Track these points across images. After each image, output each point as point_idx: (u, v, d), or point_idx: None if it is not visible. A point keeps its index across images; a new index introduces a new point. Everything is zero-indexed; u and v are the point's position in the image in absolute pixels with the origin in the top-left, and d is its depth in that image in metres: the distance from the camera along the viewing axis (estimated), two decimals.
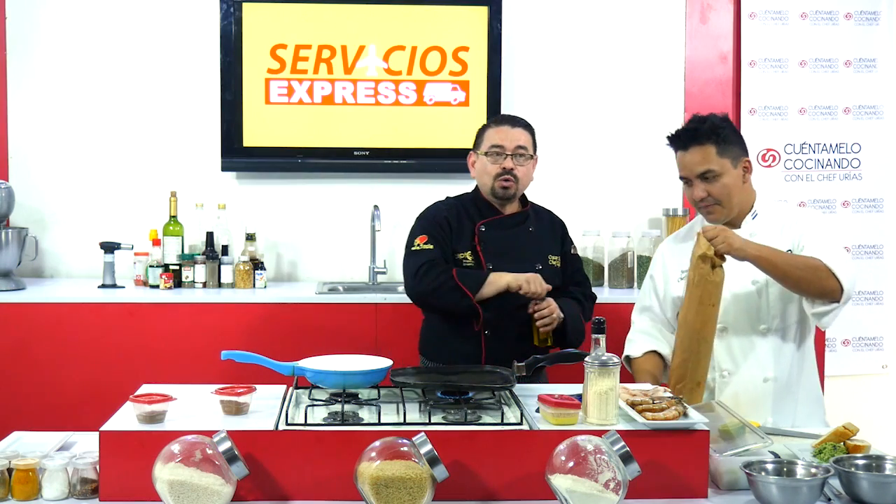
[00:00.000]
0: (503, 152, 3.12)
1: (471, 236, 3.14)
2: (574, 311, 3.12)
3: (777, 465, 2.26)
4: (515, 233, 3.18)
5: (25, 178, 4.35)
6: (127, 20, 4.35)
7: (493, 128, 3.19)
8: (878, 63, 4.59)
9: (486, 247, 3.12)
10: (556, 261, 3.19)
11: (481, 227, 3.15)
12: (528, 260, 3.13)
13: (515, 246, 3.15)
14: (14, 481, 2.18)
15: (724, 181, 2.87)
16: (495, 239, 3.14)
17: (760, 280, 2.85)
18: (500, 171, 3.12)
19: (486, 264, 3.09)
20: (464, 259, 3.12)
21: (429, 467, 2.05)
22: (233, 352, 2.74)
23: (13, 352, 3.85)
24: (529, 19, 4.49)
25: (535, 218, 3.24)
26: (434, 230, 3.15)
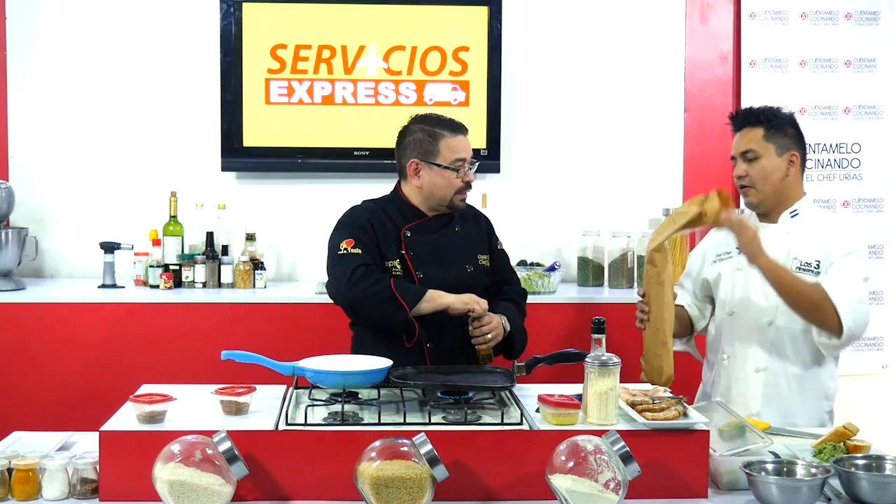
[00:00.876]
0: (465, 164, 2.95)
1: (397, 242, 2.95)
2: (516, 318, 2.98)
3: (777, 465, 2.26)
4: (442, 235, 3.01)
5: (25, 178, 4.35)
6: (127, 20, 4.35)
7: (450, 137, 2.96)
8: (878, 63, 4.59)
9: (413, 253, 2.95)
10: (485, 260, 3.07)
11: (406, 233, 2.97)
12: (458, 262, 3.00)
13: (443, 249, 2.99)
14: (14, 481, 2.19)
15: (762, 164, 2.93)
16: (422, 244, 2.97)
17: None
18: (463, 184, 2.96)
19: (415, 272, 2.92)
20: (393, 267, 2.92)
21: (429, 467, 2.05)
22: (233, 352, 2.74)
23: (13, 352, 3.85)
24: (529, 19, 4.49)
25: (459, 217, 3.07)
26: (359, 234, 2.93)
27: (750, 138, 2.97)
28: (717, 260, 3.09)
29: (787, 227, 2.95)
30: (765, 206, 2.98)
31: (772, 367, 2.92)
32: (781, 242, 2.94)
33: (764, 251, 2.78)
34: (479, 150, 4.36)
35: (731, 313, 2.98)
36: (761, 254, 2.76)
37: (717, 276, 3.06)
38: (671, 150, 4.56)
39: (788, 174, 2.95)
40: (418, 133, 2.98)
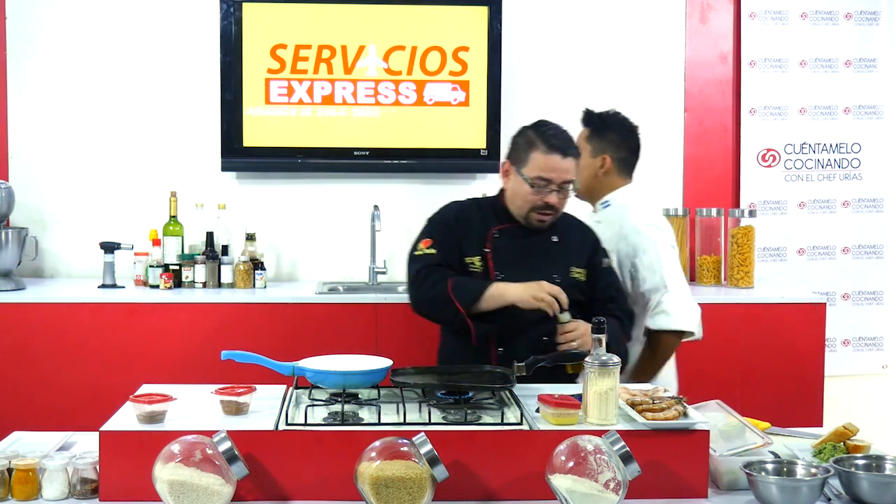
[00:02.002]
0: (549, 186, 2.83)
1: (483, 240, 2.90)
2: (615, 332, 2.79)
3: (777, 465, 2.26)
4: (533, 241, 2.92)
5: (25, 178, 4.35)
6: (127, 20, 4.36)
7: (542, 153, 2.83)
8: (878, 63, 4.59)
9: (497, 254, 2.88)
10: (579, 273, 2.93)
11: (495, 233, 2.91)
12: (545, 270, 2.86)
13: (532, 255, 2.90)
14: (14, 481, 2.18)
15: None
16: (508, 246, 2.90)
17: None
18: (540, 204, 2.85)
19: (494, 273, 2.86)
20: (471, 264, 2.88)
21: (429, 467, 2.05)
22: (233, 352, 2.74)
23: (13, 352, 3.85)
24: (529, 19, 4.49)
25: (561, 226, 2.96)
26: (438, 233, 2.92)
27: (578, 136, 3.21)
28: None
29: (599, 217, 3.22)
30: (582, 196, 3.25)
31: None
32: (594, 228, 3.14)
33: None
34: (478, 149, 4.37)
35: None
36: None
37: None
38: (671, 150, 4.57)
39: (598, 175, 3.23)
40: (521, 137, 2.91)
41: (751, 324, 4.06)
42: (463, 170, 4.42)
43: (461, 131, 4.36)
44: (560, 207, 2.88)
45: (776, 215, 4.57)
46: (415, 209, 4.46)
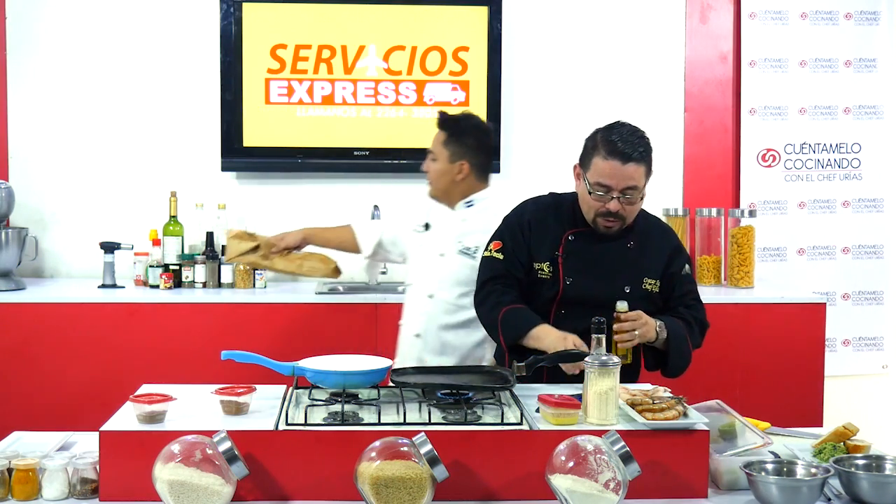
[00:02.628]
0: (610, 193, 2.72)
1: (556, 244, 2.82)
2: (679, 331, 2.76)
3: (777, 465, 2.26)
4: (609, 247, 2.82)
5: (25, 178, 4.35)
6: (127, 20, 4.36)
7: (602, 159, 2.72)
8: (878, 63, 4.59)
9: (568, 259, 2.80)
10: (652, 285, 2.82)
11: (570, 237, 2.82)
12: (616, 280, 2.79)
13: (605, 262, 2.80)
14: (14, 481, 2.18)
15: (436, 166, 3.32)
16: (582, 251, 2.81)
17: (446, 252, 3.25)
18: (603, 210, 2.74)
19: (563, 279, 2.79)
20: (539, 270, 2.81)
21: (429, 467, 2.05)
22: (233, 352, 2.74)
23: (13, 352, 3.85)
24: (529, 19, 4.49)
25: (640, 232, 2.85)
26: (508, 236, 2.87)
27: (434, 139, 3.32)
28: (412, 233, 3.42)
29: (463, 215, 3.29)
30: (438, 199, 3.35)
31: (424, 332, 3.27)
32: (455, 227, 3.29)
33: None
34: None
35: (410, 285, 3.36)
36: None
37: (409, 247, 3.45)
38: (671, 150, 4.57)
39: (456, 180, 3.29)
40: (590, 140, 2.82)
41: (751, 324, 4.06)
42: None
43: None
44: (626, 214, 2.76)
45: (776, 215, 4.57)
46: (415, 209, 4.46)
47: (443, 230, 3.32)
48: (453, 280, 3.25)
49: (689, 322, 2.83)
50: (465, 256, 3.23)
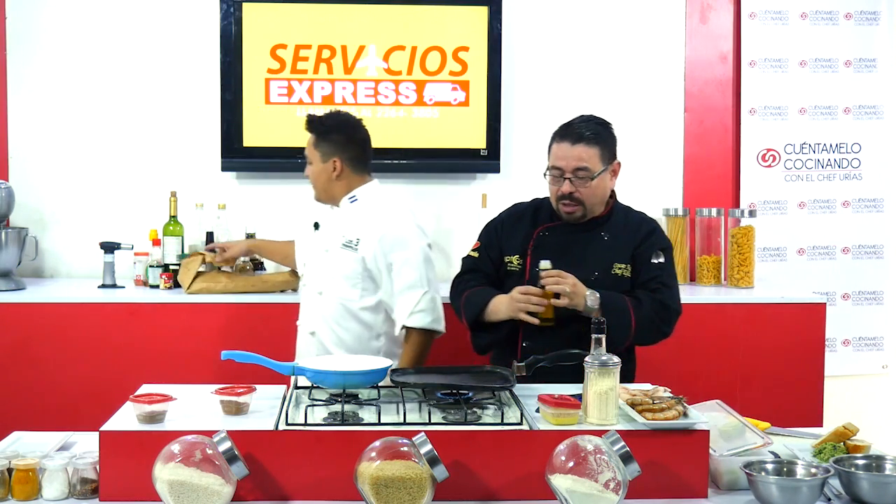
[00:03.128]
0: (561, 175, 2.86)
1: (528, 239, 2.96)
2: (618, 303, 2.81)
3: (777, 465, 2.26)
4: (581, 238, 2.93)
5: (25, 178, 4.35)
6: (127, 20, 4.35)
7: (556, 142, 2.90)
8: (878, 63, 4.59)
9: (537, 251, 2.91)
10: (622, 269, 2.91)
11: (544, 232, 2.95)
12: (584, 267, 2.87)
13: (575, 252, 2.90)
14: (14, 481, 2.19)
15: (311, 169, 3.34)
16: (553, 243, 2.92)
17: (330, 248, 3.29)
18: (559, 194, 2.88)
19: (530, 268, 2.90)
20: (509, 263, 2.96)
21: (429, 467, 2.05)
22: (233, 352, 2.74)
23: (13, 352, 3.85)
24: (529, 19, 4.49)
25: (616, 224, 2.96)
26: (484, 236, 3.09)
27: (307, 144, 3.34)
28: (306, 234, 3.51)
29: (347, 211, 3.32)
30: (324, 200, 3.37)
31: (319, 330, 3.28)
32: (339, 223, 3.31)
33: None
34: (478, 149, 4.36)
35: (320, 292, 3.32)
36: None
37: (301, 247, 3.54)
38: (671, 150, 4.57)
39: (332, 178, 3.32)
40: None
41: (751, 324, 4.06)
42: (463, 170, 4.42)
43: (461, 131, 4.36)
44: (582, 197, 2.86)
45: (776, 215, 4.57)
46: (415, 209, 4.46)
47: (329, 227, 3.36)
48: (339, 275, 3.27)
49: (639, 299, 2.84)
50: (347, 250, 3.25)
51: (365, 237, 3.23)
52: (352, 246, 3.25)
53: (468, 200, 4.41)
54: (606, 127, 2.93)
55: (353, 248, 3.25)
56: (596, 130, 2.89)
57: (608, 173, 2.91)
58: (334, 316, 3.27)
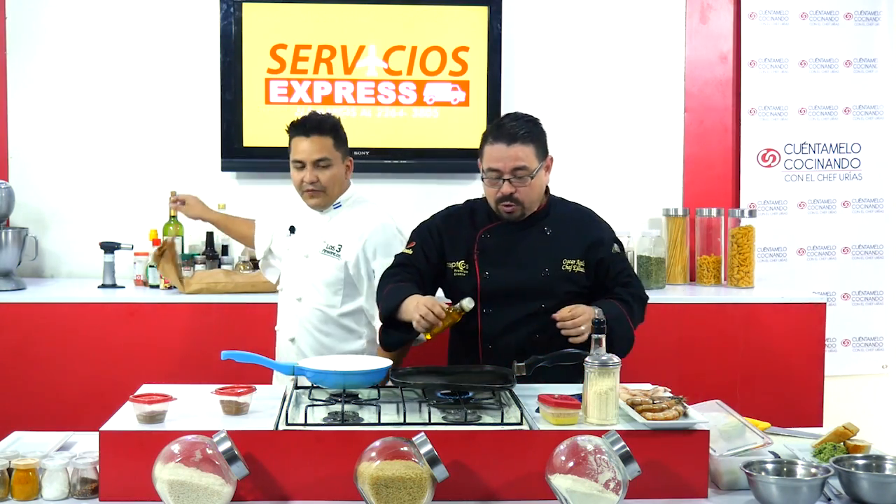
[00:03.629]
0: (500, 176, 2.82)
1: (471, 242, 2.92)
2: (618, 314, 2.79)
3: (777, 465, 2.26)
4: (524, 236, 2.90)
5: (25, 178, 4.35)
6: (127, 20, 4.35)
7: (489, 144, 2.84)
8: (878, 63, 4.59)
9: (483, 254, 2.89)
10: (572, 265, 2.87)
11: (485, 234, 2.91)
12: (532, 265, 2.86)
13: (518, 250, 2.89)
14: (14, 481, 2.19)
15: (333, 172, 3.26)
16: (497, 245, 2.89)
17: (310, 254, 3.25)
18: (498, 194, 2.84)
19: (480, 273, 2.88)
20: (455, 269, 2.91)
21: (429, 467, 2.05)
22: (233, 352, 2.74)
23: (13, 352, 3.85)
24: (529, 19, 4.49)
25: (557, 218, 2.94)
26: (419, 238, 3.00)
27: (322, 146, 3.21)
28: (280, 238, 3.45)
29: (331, 216, 3.28)
30: (324, 204, 3.29)
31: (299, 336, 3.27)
32: (321, 228, 3.28)
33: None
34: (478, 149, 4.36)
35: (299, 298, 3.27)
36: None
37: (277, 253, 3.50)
38: (671, 150, 4.57)
39: (345, 179, 3.33)
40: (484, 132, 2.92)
41: (751, 324, 4.06)
42: (463, 170, 4.41)
43: (461, 131, 4.36)
44: (521, 197, 2.83)
45: (776, 215, 4.57)
46: (415, 209, 4.46)
47: (308, 233, 3.30)
48: (320, 281, 3.22)
49: (626, 301, 2.86)
50: (329, 256, 3.21)
51: (347, 243, 3.20)
52: (333, 252, 3.21)
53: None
54: (537, 123, 2.90)
55: (335, 254, 3.21)
56: (528, 128, 2.85)
57: (543, 170, 2.89)
58: (314, 322, 3.24)
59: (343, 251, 3.20)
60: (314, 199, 3.25)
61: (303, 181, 3.22)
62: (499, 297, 2.86)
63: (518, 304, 2.83)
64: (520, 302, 2.83)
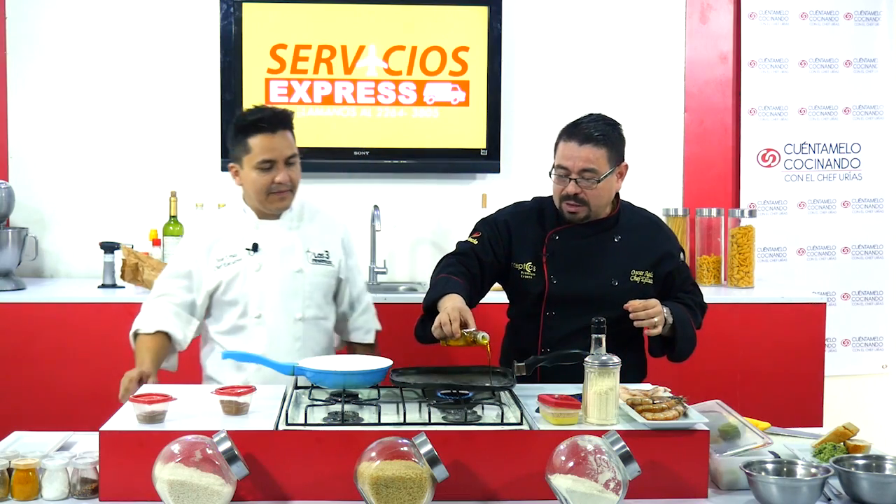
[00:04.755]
0: (567, 175, 2.77)
1: (539, 244, 2.84)
2: (683, 316, 2.78)
3: (777, 465, 2.26)
4: (593, 242, 2.84)
5: (25, 178, 4.35)
6: (127, 20, 4.36)
7: (563, 141, 2.80)
8: (878, 63, 4.59)
9: (552, 258, 2.82)
10: (640, 276, 2.83)
11: (555, 236, 2.83)
12: (603, 275, 2.81)
13: (588, 257, 2.82)
14: (14, 481, 2.18)
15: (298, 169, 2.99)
16: (567, 249, 2.82)
17: (303, 267, 2.96)
18: (563, 193, 2.79)
19: (549, 277, 2.81)
20: (522, 270, 2.83)
21: (429, 467, 2.05)
22: (233, 352, 2.74)
23: (13, 352, 3.85)
24: (529, 19, 4.49)
25: (627, 226, 2.88)
26: (486, 230, 2.89)
27: (289, 142, 2.97)
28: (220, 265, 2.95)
29: (289, 224, 3.00)
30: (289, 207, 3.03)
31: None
32: (290, 236, 3.00)
33: None
34: (478, 149, 4.37)
35: (258, 316, 2.93)
36: None
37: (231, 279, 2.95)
38: (671, 150, 4.57)
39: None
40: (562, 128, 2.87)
41: (751, 324, 4.06)
42: (463, 170, 4.42)
43: (461, 131, 4.36)
44: (587, 198, 2.78)
45: (776, 215, 4.57)
46: (415, 209, 4.47)
47: (283, 245, 2.97)
48: (318, 293, 3.00)
49: (690, 306, 2.86)
50: (321, 265, 3.00)
51: (331, 246, 3.04)
52: (324, 259, 3.01)
53: (468, 200, 4.41)
54: (615, 128, 2.84)
55: (326, 260, 3.02)
56: (604, 131, 2.79)
57: (615, 175, 2.81)
58: (320, 341, 3.03)
59: (332, 256, 3.04)
60: (284, 202, 2.97)
61: (273, 182, 2.92)
62: (564, 304, 2.81)
63: (582, 312, 2.68)
64: (584, 310, 2.67)
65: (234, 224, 3.02)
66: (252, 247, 2.96)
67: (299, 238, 3.00)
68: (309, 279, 2.98)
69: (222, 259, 2.94)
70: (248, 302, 2.93)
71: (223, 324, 2.97)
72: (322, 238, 3.04)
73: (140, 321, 2.93)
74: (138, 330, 2.90)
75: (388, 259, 4.41)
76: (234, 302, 2.94)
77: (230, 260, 2.94)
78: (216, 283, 2.93)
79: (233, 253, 2.95)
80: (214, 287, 2.93)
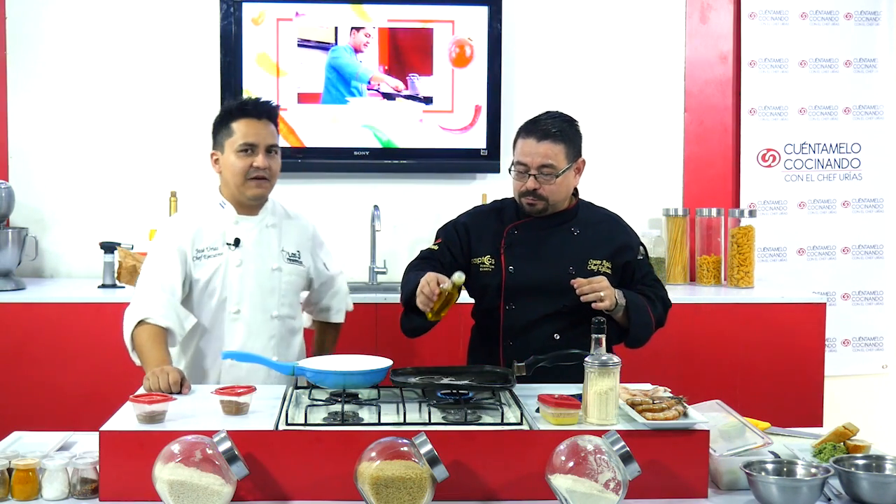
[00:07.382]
0: (526, 171, 2.83)
1: (498, 238, 2.91)
2: (638, 301, 2.82)
3: (777, 465, 2.26)
4: (551, 233, 2.90)
5: (25, 178, 4.35)
6: (127, 20, 4.36)
7: (521, 138, 2.87)
8: (878, 63, 4.59)
9: (510, 249, 2.89)
10: (598, 265, 2.87)
11: (514, 230, 2.91)
12: (560, 264, 2.86)
13: (547, 248, 2.89)
14: (14, 481, 2.19)
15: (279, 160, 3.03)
16: (525, 240, 2.90)
17: (281, 265, 2.98)
18: (522, 189, 2.86)
19: (506, 268, 2.87)
20: (481, 264, 2.90)
21: (429, 467, 2.05)
22: (233, 352, 2.74)
23: (13, 352, 3.85)
24: (529, 19, 4.49)
25: (584, 220, 2.95)
26: (445, 235, 2.98)
27: (272, 133, 2.98)
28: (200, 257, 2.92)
29: (269, 220, 3.02)
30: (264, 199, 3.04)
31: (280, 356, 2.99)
32: (268, 233, 3.01)
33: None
34: (478, 149, 4.37)
35: (237, 311, 2.92)
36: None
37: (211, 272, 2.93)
38: (671, 150, 4.57)
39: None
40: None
41: (751, 324, 4.06)
42: (463, 170, 4.42)
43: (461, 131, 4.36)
44: (546, 194, 2.83)
45: (776, 215, 4.57)
46: (415, 209, 4.47)
47: (260, 242, 2.98)
48: (291, 292, 3.03)
49: (649, 297, 2.88)
50: (294, 264, 3.02)
51: (302, 248, 3.07)
52: (297, 259, 3.04)
53: (468, 200, 4.40)
54: (572, 124, 2.90)
55: (298, 260, 3.04)
56: (562, 128, 2.86)
57: (572, 171, 2.87)
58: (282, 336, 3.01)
59: (303, 257, 3.06)
60: (261, 189, 2.95)
61: (251, 167, 2.90)
62: (523, 294, 2.86)
63: (541, 301, 2.83)
64: (543, 299, 2.83)
65: (213, 218, 2.98)
66: (234, 242, 2.93)
67: (276, 236, 3.02)
68: (285, 277, 3.00)
69: (202, 251, 2.92)
70: (228, 297, 2.91)
71: (199, 317, 2.92)
72: (295, 239, 3.07)
73: (144, 309, 2.81)
74: (147, 318, 2.79)
75: (388, 259, 4.41)
76: (211, 295, 2.91)
77: (211, 253, 2.92)
78: (197, 275, 2.91)
79: (213, 246, 2.93)
80: (196, 279, 2.91)
